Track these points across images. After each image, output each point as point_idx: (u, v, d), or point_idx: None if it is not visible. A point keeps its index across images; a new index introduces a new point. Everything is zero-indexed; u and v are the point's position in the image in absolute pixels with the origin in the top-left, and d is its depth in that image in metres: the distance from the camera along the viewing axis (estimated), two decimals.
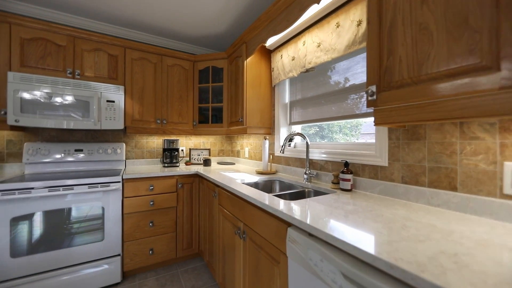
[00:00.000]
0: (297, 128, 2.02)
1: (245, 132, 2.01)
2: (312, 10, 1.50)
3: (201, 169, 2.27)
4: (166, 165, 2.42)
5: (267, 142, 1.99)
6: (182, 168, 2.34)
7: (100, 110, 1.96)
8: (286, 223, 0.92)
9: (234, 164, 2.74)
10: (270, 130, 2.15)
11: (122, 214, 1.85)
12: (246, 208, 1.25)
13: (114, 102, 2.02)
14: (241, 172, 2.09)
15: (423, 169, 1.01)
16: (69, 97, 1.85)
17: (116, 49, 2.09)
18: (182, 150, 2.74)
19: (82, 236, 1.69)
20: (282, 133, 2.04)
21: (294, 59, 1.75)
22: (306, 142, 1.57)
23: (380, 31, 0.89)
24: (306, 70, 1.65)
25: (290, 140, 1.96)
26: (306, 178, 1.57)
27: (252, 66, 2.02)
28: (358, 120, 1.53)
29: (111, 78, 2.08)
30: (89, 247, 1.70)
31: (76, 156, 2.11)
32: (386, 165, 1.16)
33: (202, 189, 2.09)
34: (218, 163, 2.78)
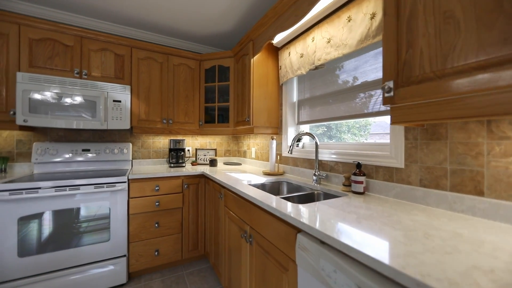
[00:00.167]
0: (305, 127, 1.95)
1: (252, 132, 1.96)
2: (321, 4, 1.44)
3: (207, 169, 2.24)
4: (172, 165, 2.40)
5: (275, 142, 1.94)
6: (188, 168, 2.32)
7: (106, 110, 1.96)
8: (295, 229, 0.87)
9: (240, 164, 2.70)
10: (277, 130, 2.09)
11: (128, 215, 1.84)
12: (253, 210, 1.20)
13: (120, 102, 2.02)
14: (247, 172, 2.04)
15: (444, 171, 0.94)
16: (76, 97, 1.85)
17: (122, 48, 2.09)
18: (188, 150, 2.72)
19: (88, 236, 1.68)
20: (290, 133, 1.98)
21: (302, 56, 1.69)
22: (316, 142, 1.51)
23: (398, 22, 0.82)
24: (315, 67, 1.58)
25: (298, 140, 1.90)
26: (315, 179, 1.51)
27: (259, 64, 1.97)
28: (367, 119, 1.47)
29: (118, 78, 2.08)
30: (95, 248, 1.70)
31: (83, 156, 2.12)
32: (402, 166, 1.09)
33: (208, 190, 2.05)
34: (225, 164, 2.75)
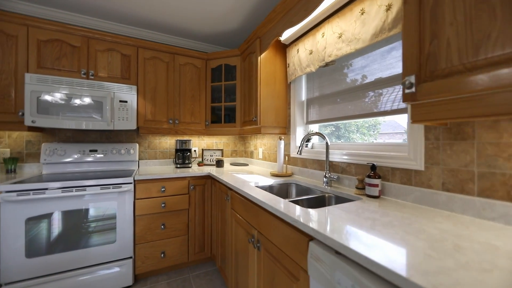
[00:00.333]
0: (314, 127, 1.88)
1: (259, 132, 1.91)
2: None
3: (213, 170, 2.20)
4: (178, 166, 2.38)
5: (282, 142, 1.87)
6: (195, 169, 2.29)
7: (113, 111, 1.95)
8: (307, 236, 0.81)
9: (247, 165, 2.65)
10: (285, 129, 2.03)
11: (134, 216, 1.82)
12: (261, 214, 1.14)
13: (126, 102, 2.00)
14: (254, 174, 1.98)
15: (471, 174, 0.85)
16: (83, 97, 1.85)
17: (129, 48, 2.08)
18: (194, 150, 2.69)
19: (95, 237, 1.67)
20: (299, 132, 1.91)
21: (312, 53, 1.62)
22: (326, 142, 1.44)
23: (420, 11, 0.75)
24: (326, 64, 1.51)
25: (308, 140, 1.83)
26: (325, 181, 1.44)
27: (266, 62, 1.91)
28: (377, 119, 1.41)
29: (124, 78, 2.07)
30: (101, 249, 1.68)
31: (91, 156, 2.12)
32: (422, 169, 1.01)
33: (214, 191, 2.01)
34: (231, 164, 2.70)
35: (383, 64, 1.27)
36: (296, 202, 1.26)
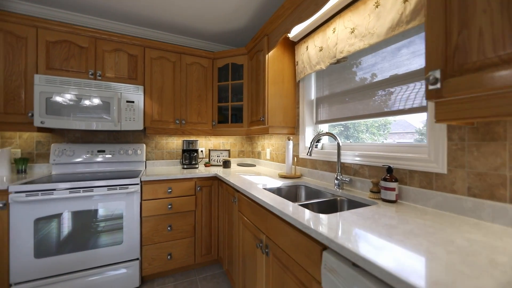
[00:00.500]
0: (324, 127, 1.81)
1: (267, 132, 1.85)
2: None
3: (220, 171, 2.16)
4: (185, 166, 2.36)
5: (291, 143, 1.81)
6: (202, 169, 2.26)
7: (120, 111, 1.94)
8: (320, 244, 0.75)
9: (254, 166, 2.60)
10: (294, 129, 1.97)
11: (141, 217, 1.80)
12: (269, 218, 1.09)
13: (133, 102, 1.99)
14: (262, 175, 1.93)
15: (502, 179, 0.77)
16: (90, 98, 1.85)
17: (135, 48, 2.07)
18: (201, 151, 2.66)
19: (102, 239, 1.66)
20: (308, 133, 1.85)
21: (322, 50, 1.56)
22: (338, 143, 1.37)
23: None
24: (337, 61, 1.45)
25: (317, 140, 1.76)
26: (337, 184, 1.38)
27: (274, 60, 1.86)
28: (387, 118, 1.35)
29: (131, 78, 2.06)
30: (108, 250, 1.67)
31: (99, 157, 2.12)
32: (445, 172, 0.93)
33: (221, 193, 1.97)
34: (238, 165, 2.66)
35: (393, 62, 1.23)
36: (306, 206, 1.20)
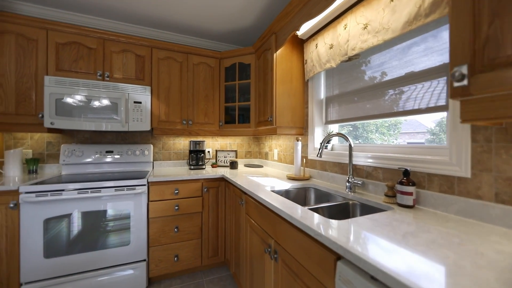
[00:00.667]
0: (333, 127, 1.75)
1: (274, 132, 1.81)
2: None
3: (227, 172, 2.13)
4: (192, 167, 2.34)
5: (300, 143, 1.76)
6: (208, 170, 2.24)
7: (127, 112, 1.94)
8: (334, 253, 0.70)
9: (262, 167, 2.56)
10: (302, 130, 1.91)
11: (148, 218, 1.80)
12: (278, 223, 1.05)
13: (141, 103, 1.99)
14: (270, 176, 1.89)
15: None
16: (99, 99, 1.85)
17: (143, 49, 2.07)
18: (208, 151, 2.65)
19: (109, 239, 1.66)
20: (317, 133, 1.79)
21: (332, 47, 1.50)
22: (349, 144, 1.32)
23: None
24: (349, 59, 1.39)
25: (328, 141, 1.70)
26: (348, 187, 1.32)
27: (282, 59, 1.81)
28: (398, 118, 1.29)
29: (138, 79, 2.06)
30: (116, 251, 1.67)
31: (107, 157, 2.13)
32: (468, 176, 0.86)
33: (228, 194, 1.94)
34: (245, 166, 2.63)
35: (404, 60, 1.18)
36: (316, 210, 1.15)
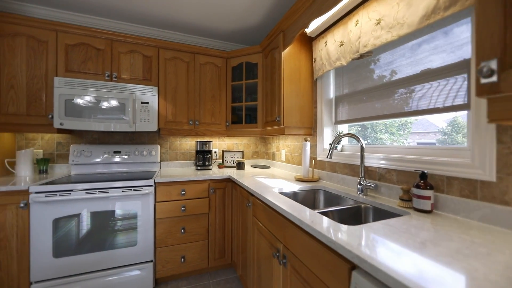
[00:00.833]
0: (343, 127, 1.70)
1: (282, 132, 1.77)
2: None
3: (234, 173, 2.11)
4: (199, 167, 2.33)
5: (308, 144, 1.72)
6: (215, 171, 2.22)
7: (135, 112, 1.95)
8: (348, 262, 0.66)
9: (269, 167, 2.53)
10: (311, 130, 1.87)
11: (155, 219, 1.79)
12: (287, 227, 1.01)
13: (148, 103, 1.99)
14: (277, 177, 1.85)
15: None
16: (107, 99, 1.86)
17: (150, 49, 2.07)
18: (215, 152, 2.63)
19: (117, 240, 1.66)
20: (326, 133, 1.74)
21: (342, 45, 1.45)
22: (361, 145, 1.26)
23: None
24: (360, 56, 1.33)
25: (338, 142, 1.65)
26: (360, 189, 1.27)
27: (290, 58, 1.77)
28: (409, 118, 1.24)
29: (146, 79, 2.06)
30: (123, 251, 1.67)
31: (115, 157, 2.15)
32: (493, 180, 0.80)
33: (235, 195, 1.92)
34: (252, 166, 2.60)
35: (416, 58, 1.13)
36: (326, 213, 1.11)
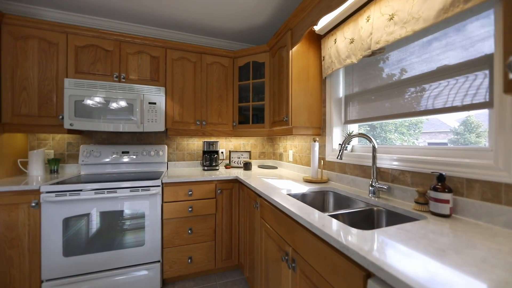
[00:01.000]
0: (352, 127, 1.65)
1: (290, 133, 1.74)
2: None
3: (241, 173, 2.09)
4: (206, 168, 2.32)
5: (317, 144, 1.68)
6: (222, 171, 2.20)
7: (142, 113, 1.95)
8: (363, 269, 0.63)
9: (276, 168, 2.49)
10: (319, 130, 1.82)
11: (162, 219, 1.79)
12: (296, 229, 0.98)
13: (155, 104, 2.00)
14: (285, 178, 1.82)
15: None
16: (115, 100, 1.88)
17: (157, 50, 2.07)
18: (222, 152, 2.62)
19: (125, 240, 1.67)
20: (335, 133, 1.69)
21: (353, 42, 1.40)
22: (373, 145, 1.22)
23: None
24: (372, 53, 1.29)
25: (348, 142, 1.60)
26: (372, 191, 1.22)
27: (298, 56, 1.74)
28: (420, 117, 1.19)
29: (153, 80, 2.07)
30: (131, 251, 1.68)
31: (123, 158, 2.16)
32: None
33: (242, 196, 1.90)
34: (259, 167, 2.57)
35: (431, 54, 1.06)
36: (336, 216, 1.07)
